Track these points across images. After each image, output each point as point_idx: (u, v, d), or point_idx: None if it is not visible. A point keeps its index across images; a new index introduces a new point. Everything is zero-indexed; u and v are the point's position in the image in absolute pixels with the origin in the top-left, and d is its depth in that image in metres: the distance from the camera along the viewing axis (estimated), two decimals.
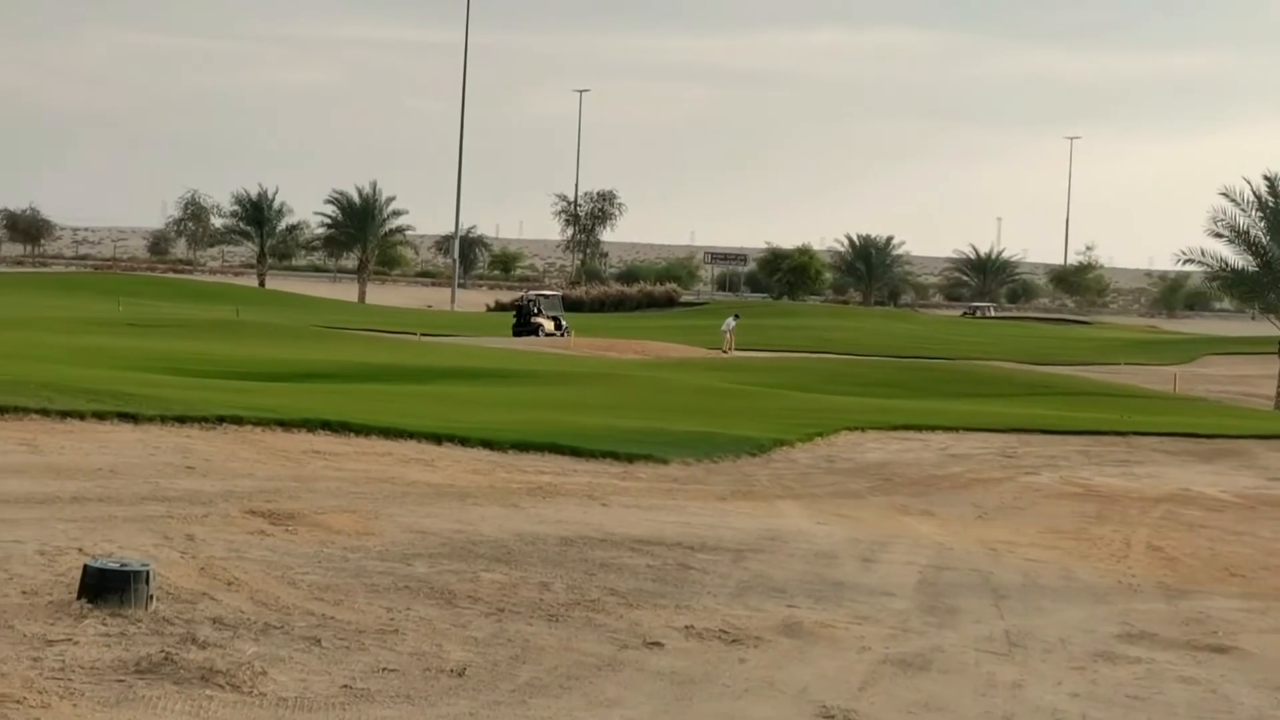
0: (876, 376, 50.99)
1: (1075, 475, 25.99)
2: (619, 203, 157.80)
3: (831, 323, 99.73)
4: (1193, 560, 18.03)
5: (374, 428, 22.40)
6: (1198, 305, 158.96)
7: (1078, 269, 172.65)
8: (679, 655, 11.34)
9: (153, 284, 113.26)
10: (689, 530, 16.94)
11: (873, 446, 27.83)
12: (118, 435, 20.01)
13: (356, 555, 13.97)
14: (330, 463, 19.61)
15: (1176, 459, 29.21)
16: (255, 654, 10.44)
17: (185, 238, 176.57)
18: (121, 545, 13.26)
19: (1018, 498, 22.94)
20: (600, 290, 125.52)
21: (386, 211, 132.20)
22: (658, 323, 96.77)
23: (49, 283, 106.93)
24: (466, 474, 19.97)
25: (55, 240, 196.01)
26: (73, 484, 16.24)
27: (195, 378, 34.60)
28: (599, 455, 22.57)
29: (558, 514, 17.35)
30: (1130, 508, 22.26)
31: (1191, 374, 64.61)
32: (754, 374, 50.22)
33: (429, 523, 15.95)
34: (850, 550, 16.58)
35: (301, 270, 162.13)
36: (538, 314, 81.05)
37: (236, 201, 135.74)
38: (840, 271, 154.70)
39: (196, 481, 17.17)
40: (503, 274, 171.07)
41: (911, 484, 23.69)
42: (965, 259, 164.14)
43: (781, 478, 23.06)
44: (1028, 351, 75.19)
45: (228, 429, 21.31)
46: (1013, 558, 17.06)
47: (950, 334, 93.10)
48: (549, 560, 14.51)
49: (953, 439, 29.81)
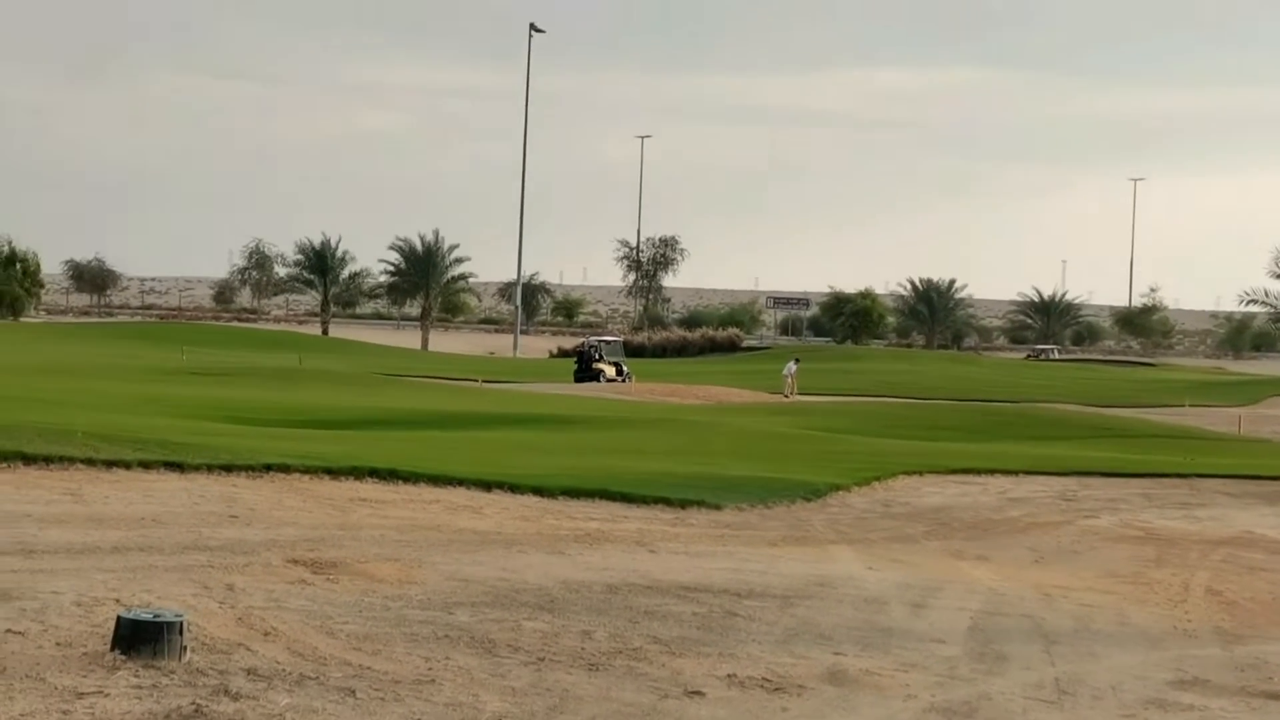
0: (937, 420, 50.73)
1: (1135, 518, 25.64)
2: (681, 248, 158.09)
3: (894, 366, 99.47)
4: (1252, 604, 17.70)
5: (422, 475, 22.27)
6: (1264, 346, 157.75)
7: (1142, 311, 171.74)
8: (720, 704, 11.15)
9: (217, 333, 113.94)
10: (737, 576, 16.73)
11: (930, 491, 27.57)
12: (163, 484, 19.95)
13: (398, 604, 13.83)
14: (376, 510, 19.48)
15: (1239, 501, 28.81)
16: (288, 705, 10.30)
17: (250, 286, 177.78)
18: (160, 595, 13.16)
19: (1076, 542, 22.63)
20: (662, 335, 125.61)
21: (449, 259, 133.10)
22: (720, 368, 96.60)
23: (114, 332, 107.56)
24: (514, 521, 19.81)
25: (122, 290, 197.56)
26: (114, 534, 16.16)
27: (252, 425, 34.64)
28: (651, 501, 22.39)
29: (604, 561, 17.17)
30: (1190, 551, 21.91)
31: (1257, 415, 63.94)
32: (815, 418, 50.01)
33: (473, 570, 15.79)
34: (901, 596, 16.34)
35: (365, 318, 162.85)
36: (599, 360, 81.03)
37: (300, 250, 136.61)
38: (903, 315, 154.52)
39: (239, 530, 17.07)
40: (566, 320, 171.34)
41: (968, 528, 23.43)
42: (1029, 301, 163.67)
43: (836, 522, 22.83)
44: (1091, 394, 74.68)
45: (274, 477, 21.22)
46: (1066, 603, 16.77)
47: (1013, 377, 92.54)
48: (593, 608, 14.33)
49: (1012, 483, 29.53)
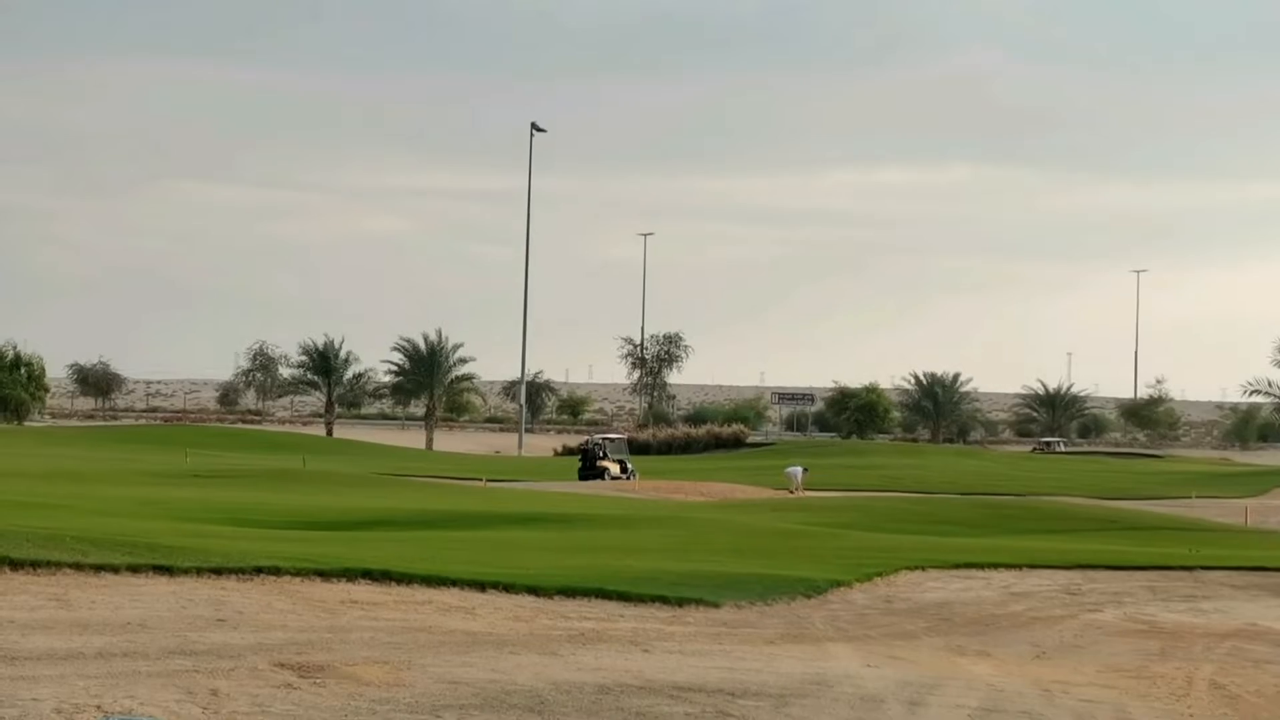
0: (942, 514, 50.52)
1: (1140, 612, 25.42)
2: (685, 345, 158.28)
3: (900, 461, 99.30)
4: (1257, 698, 17.49)
5: (416, 576, 22.03)
6: (1271, 437, 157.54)
7: (1148, 402, 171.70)
8: None
9: (221, 435, 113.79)
10: (732, 675, 16.49)
11: (933, 586, 27.34)
12: (151, 588, 19.69)
13: (385, 707, 13.61)
14: (367, 612, 19.24)
15: (1245, 593, 28.59)
16: None
17: (254, 388, 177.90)
18: (143, 701, 12.94)
19: (1079, 636, 22.42)
20: (667, 433, 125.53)
21: (453, 358, 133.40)
22: (725, 464, 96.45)
23: (118, 436, 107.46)
24: (507, 621, 19.57)
25: (128, 394, 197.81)
26: (99, 639, 15.93)
27: (251, 528, 34.43)
28: (648, 599, 22.12)
29: (597, 661, 16.93)
30: (1195, 644, 21.69)
31: (1264, 506, 63.72)
32: (819, 514, 49.80)
33: (462, 672, 15.56)
34: (898, 694, 16.10)
35: (370, 418, 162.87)
36: (603, 458, 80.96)
37: (304, 351, 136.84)
38: (908, 409, 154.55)
39: (226, 634, 16.84)
40: (571, 418, 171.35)
41: (970, 623, 23.19)
42: (1034, 394, 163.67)
43: (836, 619, 22.60)
44: (1097, 486, 74.51)
45: (265, 580, 20.98)
46: (1067, 698, 16.55)
47: (1019, 470, 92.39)
48: (583, 709, 14.10)
49: (1016, 577, 29.29)
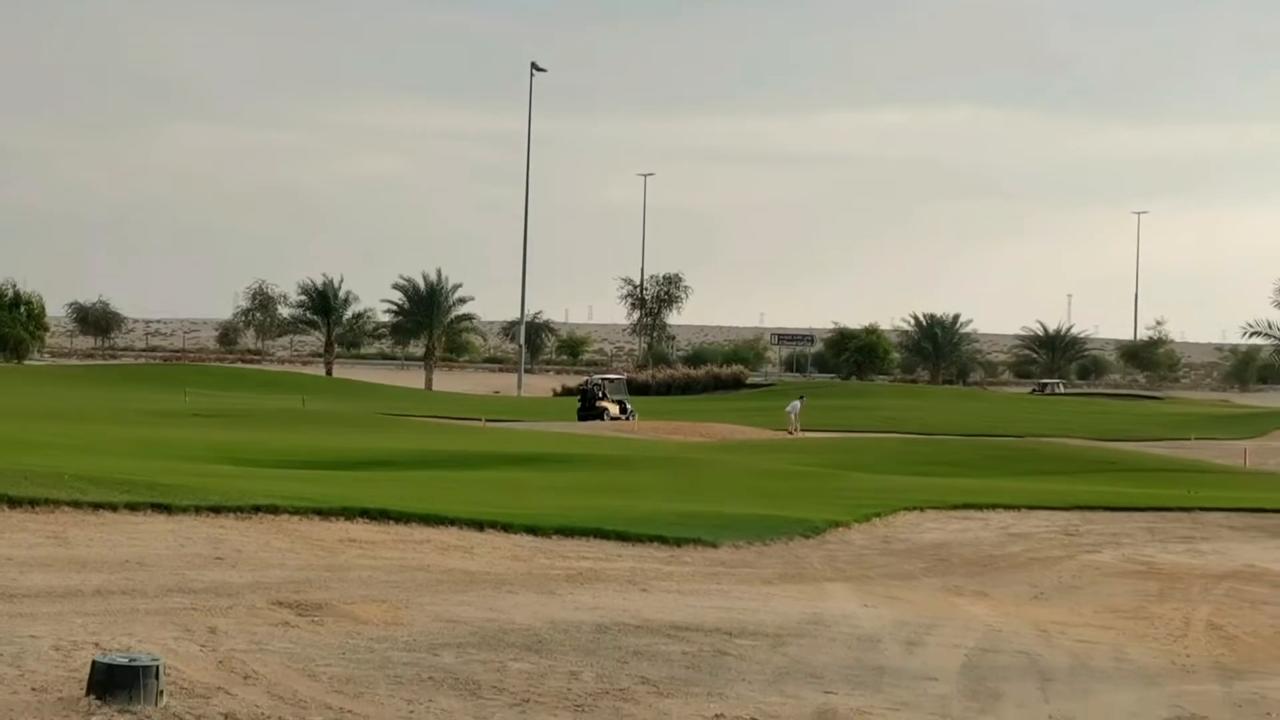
0: (941, 456, 50.55)
1: (1138, 553, 25.43)
2: (685, 286, 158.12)
3: (899, 402, 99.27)
4: (1254, 639, 17.49)
5: (414, 515, 22.03)
6: (1270, 379, 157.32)
7: (1148, 344, 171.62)
8: None
9: (221, 374, 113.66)
10: (730, 615, 16.51)
11: (931, 527, 27.36)
12: (149, 526, 19.70)
13: (383, 646, 13.62)
14: (365, 551, 19.26)
15: (1243, 535, 28.61)
16: None
17: (253, 328, 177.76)
18: (141, 639, 12.95)
19: (1076, 577, 22.43)
20: (667, 373, 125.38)
21: (453, 298, 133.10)
22: (724, 405, 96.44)
23: (118, 375, 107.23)
24: (505, 561, 19.59)
25: (127, 333, 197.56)
26: (97, 577, 15.96)
27: (250, 467, 34.43)
28: (646, 540, 22.14)
29: (595, 600, 16.95)
30: (1193, 585, 21.70)
31: (1264, 448, 63.71)
32: (818, 455, 49.82)
33: (460, 611, 15.58)
34: (895, 634, 16.12)
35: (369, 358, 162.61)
36: (602, 398, 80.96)
37: (303, 291, 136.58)
38: (908, 350, 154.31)
39: (224, 573, 16.86)
40: (570, 359, 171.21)
41: (968, 564, 23.21)
42: (1034, 336, 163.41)
43: (834, 560, 22.62)
44: (1096, 428, 74.48)
45: (263, 518, 20.98)
46: (1064, 639, 16.55)
47: (1019, 412, 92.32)
48: (581, 648, 14.12)
49: (1014, 518, 29.31)
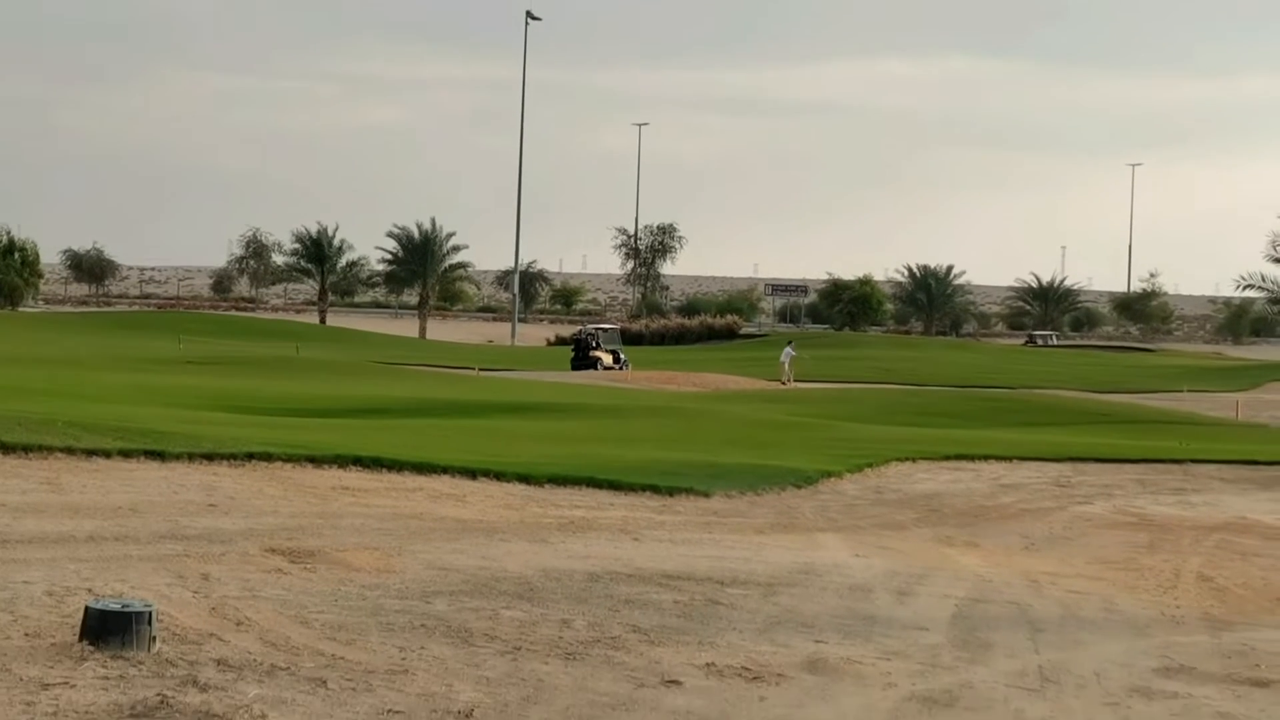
0: (934, 406, 50.59)
1: (1129, 504, 25.48)
2: (679, 236, 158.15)
3: (892, 353, 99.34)
4: (1243, 590, 17.54)
5: (407, 463, 22.05)
6: (1263, 331, 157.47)
7: (1141, 296, 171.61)
8: (696, 694, 10.98)
9: (214, 322, 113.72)
10: (721, 564, 16.56)
11: (923, 477, 27.39)
12: (142, 473, 19.72)
13: (375, 593, 13.66)
14: (358, 499, 19.28)
15: (1235, 487, 28.64)
16: (257, 696, 10.13)
17: (247, 276, 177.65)
18: (134, 585, 12.98)
19: (1068, 528, 22.48)
20: (660, 323, 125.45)
21: (447, 247, 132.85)
22: (718, 355, 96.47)
23: (111, 322, 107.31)
24: (498, 509, 19.62)
25: (121, 280, 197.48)
26: (90, 523, 15.99)
27: (244, 415, 34.43)
28: (638, 489, 22.17)
29: (587, 549, 16.99)
30: (1183, 537, 21.74)
31: (1256, 400, 63.77)
32: (811, 405, 49.85)
33: (453, 559, 15.62)
34: (886, 583, 16.17)
35: (363, 306, 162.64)
36: (596, 348, 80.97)
37: (297, 239, 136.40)
38: (901, 301, 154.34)
39: (218, 519, 16.89)
40: (564, 308, 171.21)
41: (959, 515, 23.26)
42: (1027, 288, 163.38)
43: (826, 510, 22.66)
44: (1089, 380, 74.54)
45: (256, 466, 21.00)
46: (1055, 589, 16.60)
47: (1011, 363, 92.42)
48: (573, 597, 14.16)
49: (1006, 469, 29.36)
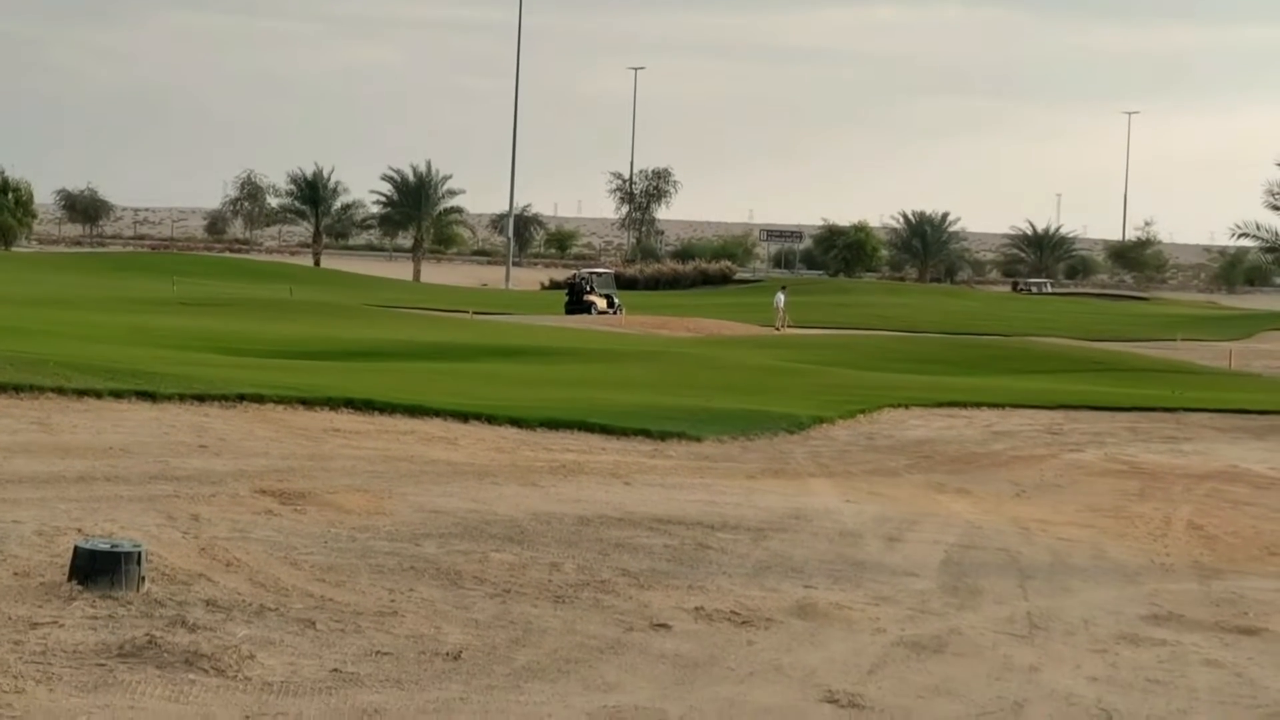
0: (926, 353, 50.60)
1: (1121, 452, 25.45)
2: (674, 180, 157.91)
3: (887, 299, 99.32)
4: (1233, 539, 17.54)
5: (399, 406, 22.03)
6: (1258, 281, 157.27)
7: (1136, 245, 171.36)
8: (685, 638, 11.00)
9: (208, 263, 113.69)
10: (712, 509, 16.56)
11: (915, 424, 27.37)
12: (133, 414, 19.71)
13: (365, 535, 13.67)
14: (349, 441, 19.28)
15: (1227, 435, 28.61)
16: (245, 637, 10.16)
17: (242, 217, 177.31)
18: (124, 525, 13.00)
19: (1059, 475, 22.46)
20: (655, 268, 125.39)
21: (442, 190, 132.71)
22: (712, 300, 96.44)
23: (105, 263, 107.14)
24: (489, 452, 19.62)
25: (115, 221, 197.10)
26: (80, 463, 15.99)
27: (237, 356, 34.41)
28: (630, 433, 22.15)
29: (578, 493, 17.00)
30: (1174, 485, 21.73)
31: (1249, 350, 63.79)
32: (805, 351, 49.86)
33: (443, 502, 15.63)
34: (876, 529, 16.18)
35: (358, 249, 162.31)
36: (590, 292, 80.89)
37: (292, 181, 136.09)
38: (896, 248, 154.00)
39: (208, 460, 16.89)
40: (559, 252, 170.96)
41: (951, 461, 23.26)
42: (1022, 235, 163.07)
43: (818, 455, 22.65)
44: (1083, 328, 74.56)
45: (248, 407, 20.98)
46: (1045, 536, 16.61)
47: (1006, 310, 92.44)
48: (563, 540, 14.17)
49: (998, 416, 29.33)
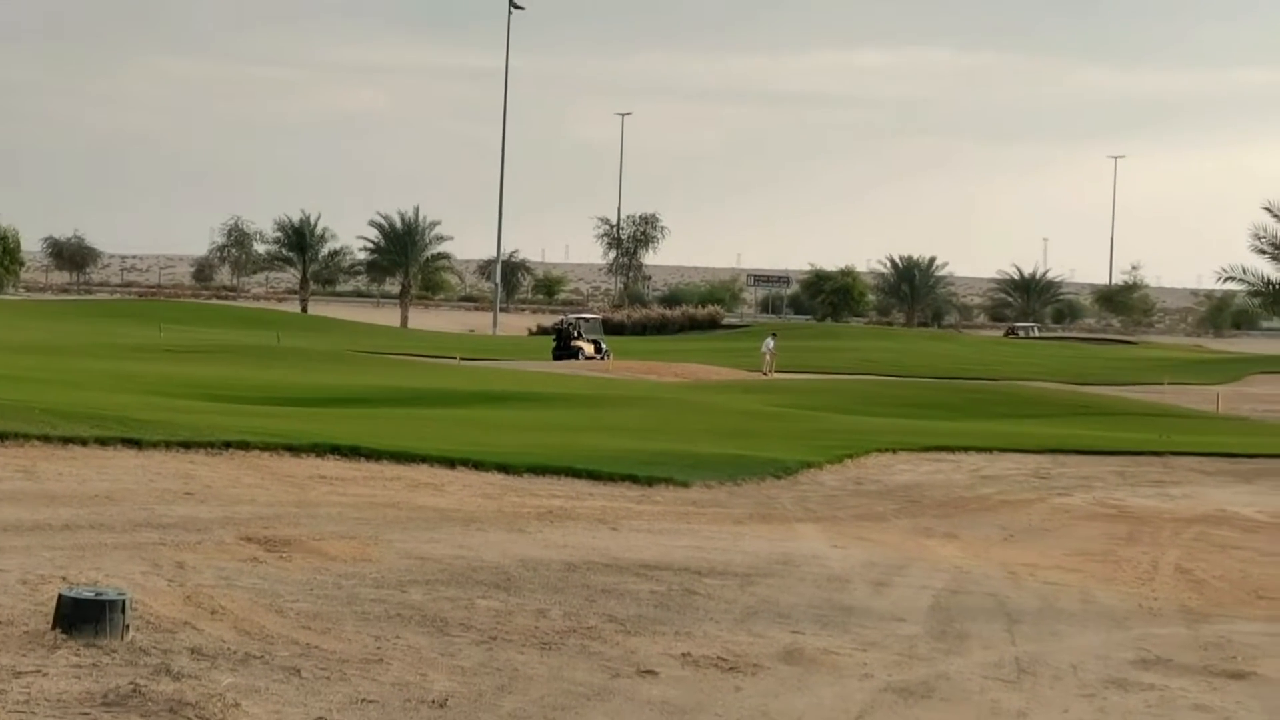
0: (914, 398, 50.60)
1: (1109, 496, 25.49)
2: (661, 225, 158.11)
3: (874, 344, 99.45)
4: (1221, 583, 17.54)
5: (385, 452, 22.01)
6: (1245, 324, 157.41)
7: (1123, 288, 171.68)
8: (672, 684, 10.95)
9: (196, 310, 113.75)
10: (699, 554, 16.52)
11: (903, 468, 27.38)
12: (119, 461, 19.68)
13: (351, 582, 13.61)
14: (336, 488, 19.24)
15: (1214, 479, 28.66)
16: (230, 685, 10.09)
17: (229, 264, 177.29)
18: (109, 573, 12.92)
19: (1047, 519, 22.47)
20: (642, 313, 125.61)
21: (429, 236, 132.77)
22: (699, 345, 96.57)
23: (92, 310, 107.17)
24: (476, 498, 19.58)
25: (103, 268, 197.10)
26: (66, 511, 15.92)
27: (223, 403, 34.35)
28: (617, 478, 22.12)
29: (565, 539, 16.95)
30: (1162, 529, 21.75)
31: (1237, 393, 63.88)
32: (792, 396, 49.86)
33: (429, 548, 15.57)
34: (864, 574, 16.14)
35: (345, 295, 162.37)
36: (578, 337, 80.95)
37: (279, 227, 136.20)
38: (884, 292, 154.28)
39: (194, 508, 16.83)
40: (546, 298, 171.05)
41: (939, 506, 23.25)
42: (1009, 279, 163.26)
43: (805, 500, 22.63)
44: (1070, 372, 74.64)
45: (234, 454, 20.94)
46: (1033, 581, 16.59)
47: (993, 355, 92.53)
48: (549, 586, 14.12)
49: (986, 460, 29.34)
